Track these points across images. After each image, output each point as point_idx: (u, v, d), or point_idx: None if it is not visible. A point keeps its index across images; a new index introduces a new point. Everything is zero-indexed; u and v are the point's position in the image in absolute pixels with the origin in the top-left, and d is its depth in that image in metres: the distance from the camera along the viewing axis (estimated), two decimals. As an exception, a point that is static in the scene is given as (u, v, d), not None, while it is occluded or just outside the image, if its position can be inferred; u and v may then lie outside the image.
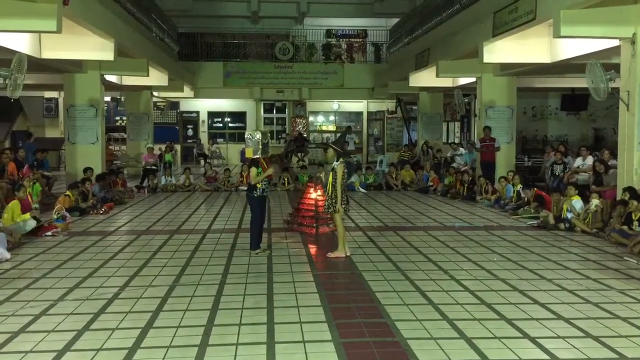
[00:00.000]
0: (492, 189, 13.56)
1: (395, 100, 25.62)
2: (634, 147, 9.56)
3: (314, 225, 9.64)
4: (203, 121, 28.43)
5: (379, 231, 9.99)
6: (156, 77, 18.44)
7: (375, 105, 28.42)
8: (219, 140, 28.19)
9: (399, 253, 8.19)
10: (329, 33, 28.16)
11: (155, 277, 6.85)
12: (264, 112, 28.36)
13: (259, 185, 8.01)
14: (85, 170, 13.45)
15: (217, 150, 27.13)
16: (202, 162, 26.02)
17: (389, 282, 6.58)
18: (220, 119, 28.72)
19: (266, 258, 7.82)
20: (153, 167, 17.37)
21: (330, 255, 7.91)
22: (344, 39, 28.32)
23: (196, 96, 26.11)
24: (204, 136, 28.14)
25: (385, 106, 28.03)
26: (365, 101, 27.90)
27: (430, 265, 7.45)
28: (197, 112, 28.32)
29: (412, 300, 5.89)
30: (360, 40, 28.36)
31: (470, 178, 14.36)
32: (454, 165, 16.74)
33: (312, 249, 8.57)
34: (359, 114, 28.77)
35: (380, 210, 12.64)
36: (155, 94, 23.11)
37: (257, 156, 8.14)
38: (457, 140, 23.01)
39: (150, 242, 9.00)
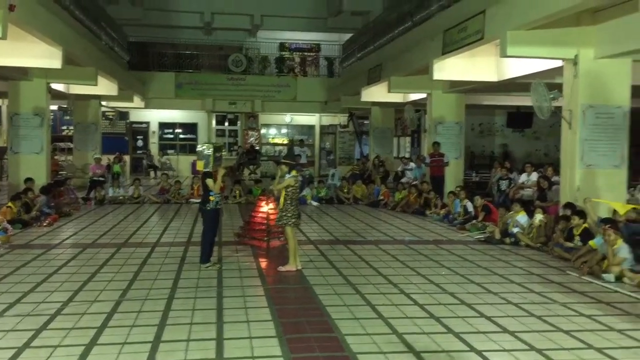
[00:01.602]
0: (441, 203, 13.80)
1: (347, 115, 25.85)
2: (576, 164, 9.92)
3: (265, 238, 9.58)
4: (153, 132, 27.98)
5: (330, 245, 10.02)
6: (105, 87, 18.06)
7: (327, 119, 28.61)
8: (169, 151, 27.77)
9: (350, 267, 8.23)
10: (282, 46, 28.26)
11: (101, 292, 6.67)
12: (216, 124, 28.15)
13: (212, 198, 7.93)
14: (26, 180, 13.02)
15: (168, 162, 26.72)
16: (153, 173, 25.58)
17: (340, 296, 6.59)
18: (171, 130, 28.31)
19: (216, 272, 7.72)
20: (100, 179, 16.95)
21: (281, 269, 7.88)
22: (298, 53, 28.46)
23: (147, 106, 25.69)
24: (154, 147, 27.67)
25: (337, 120, 28.25)
26: (317, 115, 28.05)
27: (380, 279, 7.51)
28: (148, 123, 27.86)
29: (363, 314, 5.92)
30: (314, 54, 28.55)
31: (425, 192, 14.57)
32: (404, 180, 16.96)
33: (263, 263, 8.51)
34: (312, 127, 28.89)
35: (331, 223, 12.68)
36: (104, 103, 22.62)
37: (208, 169, 8.05)
38: (407, 155, 23.35)
39: (96, 256, 8.76)
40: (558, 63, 10.39)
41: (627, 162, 10.07)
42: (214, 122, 27.83)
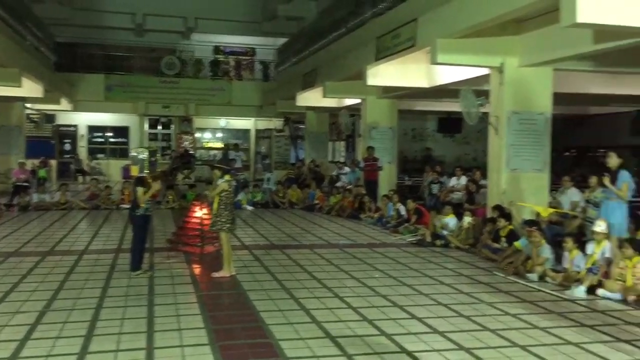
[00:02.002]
0: (375, 207, 14.01)
1: (283, 119, 25.87)
2: (502, 168, 10.29)
3: (199, 244, 9.44)
4: (82, 135, 27.04)
5: (266, 249, 9.98)
6: (30, 88, 17.30)
7: (263, 123, 28.50)
8: (99, 155, 26.91)
9: (285, 271, 8.22)
10: (217, 49, 27.97)
11: (24, 303, 6.38)
12: (149, 128, 27.51)
13: (142, 205, 7.75)
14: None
15: (97, 167, 25.88)
16: (81, 178, 24.70)
17: (274, 301, 6.57)
18: (101, 134, 27.46)
19: (147, 279, 7.54)
20: (24, 184, 16.21)
21: (215, 275, 7.79)
22: (232, 56, 28.24)
23: (75, 109, 24.80)
24: (82, 151, 26.75)
25: (273, 124, 28.19)
26: (253, 119, 27.90)
27: (315, 283, 7.54)
28: (76, 126, 26.89)
29: (297, 319, 5.93)
30: (249, 58, 28.42)
31: (360, 196, 14.75)
32: (339, 184, 17.11)
33: (197, 269, 8.39)
34: (247, 131, 28.70)
35: (266, 228, 12.64)
36: (28, 105, 21.69)
37: (143, 174, 7.86)
38: (342, 159, 23.58)
39: (20, 265, 8.37)
40: (485, 71, 10.75)
41: (549, 166, 10.53)
42: (146, 125, 27.19)
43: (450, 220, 10.64)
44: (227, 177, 7.87)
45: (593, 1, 6.55)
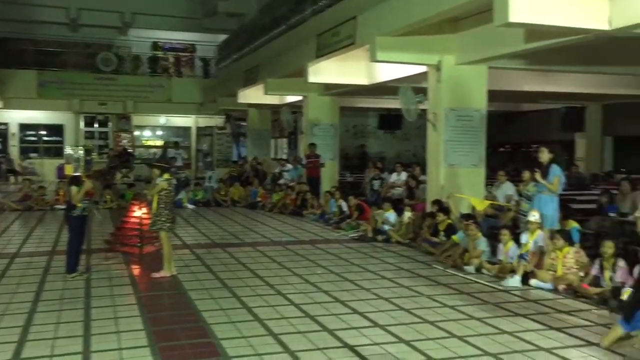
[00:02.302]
0: (317, 203, 14.07)
1: (224, 116, 25.60)
2: (440, 163, 10.53)
3: (139, 244, 9.24)
4: (13, 134, 25.92)
5: (207, 248, 9.87)
6: (-45, 85, 16.50)
7: (204, 121, 28.11)
8: (32, 155, 25.88)
9: (227, 270, 8.15)
10: (155, 46, 27.38)
11: (-49, 310, 6.09)
12: (85, 126, 26.66)
13: (79, 205, 7.51)
14: None
15: (30, 166, 24.88)
16: (13, 178, 23.71)
17: (216, 300, 6.51)
18: (34, 132, 26.41)
19: (84, 282, 7.32)
20: (-49, 185, 15.44)
21: (155, 275, 7.64)
22: (172, 53, 27.72)
23: (6, 107, 23.77)
24: (14, 150, 25.66)
25: (214, 122, 27.85)
26: (194, 116, 27.49)
27: (257, 281, 7.51)
28: (6, 124, 25.76)
29: (239, 317, 5.89)
30: (188, 54, 27.97)
31: (302, 193, 14.78)
32: (281, 181, 17.10)
33: (136, 270, 8.21)
34: (188, 129, 28.25)
35: (208, 227, 12.49)
36: (-46, 103, 20.66)
37: (79, 173, 7.62)
38: (284, 157, 23.56)
39: (-54, 270, 7.98)
40: (423, 68, 10.95)
41: (485, 162, 10.84)
42: (82, 123, 26.34)
43: (390, 215, 10.81)
44: (166, 175, 7.74)
45: (524, 2, 6.79)
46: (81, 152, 23.54)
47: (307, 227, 12.45)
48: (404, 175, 13.26)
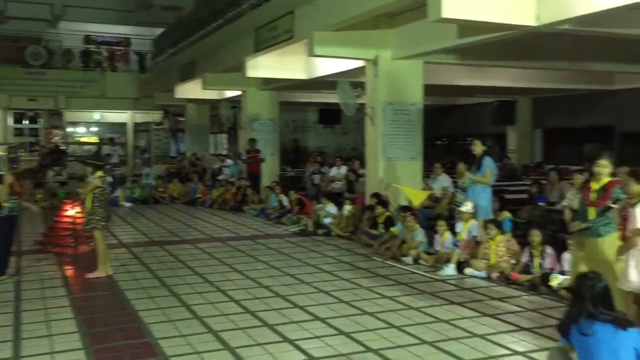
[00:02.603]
0: (258, 199, 14.01)
1: (161, 112, 25.07)
2: (379, 157, 10.67)
3: (72, 244, 8.96)
4: None
5: (145, 247, 9.67)
6: None
7: (141, 116, 27.38)
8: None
9: (165, 268, 8.01)
10: (88, 39, 26.47)
11: None
12: (14, 122, 25.52)
13: (5, 204, 7.20)
14: None
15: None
16: None
17: (154, 299, 6.40)
18: (-42, 130, 25.09)
19: (13, 284, 7.04)
20: None
21: (90, 275, 7.44)
22: (105, 47, 26.88)
23: None
24: None
25: (151, 117, 27.20)
26: (130, 112, 26.72)
27: (196, 278, 7.42)
28: None
29: (177, 315, 5.81)
30: (123, 48, 27.18)
31: (242, 189, 14.67)
32: (221, 177, 16.93)
33: (69, 271, 7.97)
34: (124, 125, 27.46)
35: (146, 225, 12.24)
36: None
37: (2, 173, 7.32)
38: (224, 152, 23.33)
39: None
40: (361, 63, 11.06)
41: (422, 154, 11.06)
42: (10, 120, 25.21)
43: (331, 208, 10.89)
44: (99, 173, 7.53)
45: (457, -2, 6.96)
46: (4, 150, 22.56)
47: (247, 223, 12.38)
48: (343, 169, 13.36)
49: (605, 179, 5.18)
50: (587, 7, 6.57)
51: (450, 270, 7.51)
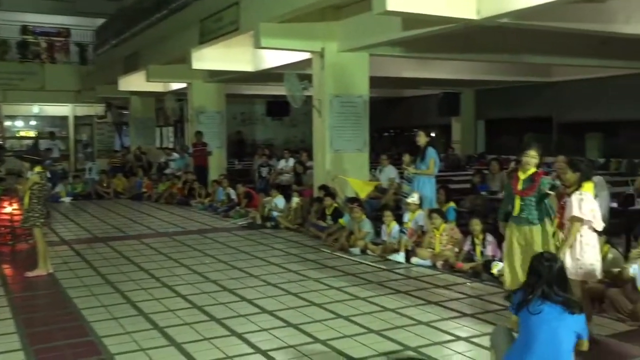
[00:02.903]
0: (205, 192, 13.86)
1: (104, 104, 24.42)
2: (326, 149, 10.71)
3: (10, 242, 8.66)
4: None
5: (88, 243, 9.43)
6: None
7: (83, 110, 26.58)
8: None
9: (109, 265, 7.84)
10: (25, 29, 25.47)
11: None
12: (-53, 116, 24.39)
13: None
14: None
15: None
16: None
17: (97, 297, 6.25)
18: None
19: (-53, 286, 6.76)
20: None
21: (29, 274, 7.20)
22: (44, 37, 25.92)
23: None
24: None
25: (94, 110, 26.45)
26: (71, 105, 25.90)
27: (142, 274, 7.29)
28: None
29: (122, 313, 5.69)
30: (63, 39, 26.28)
31: (189, 182, 14.48)
32: (167, 171, 16.66)
33: (8, 270, 7.69)
34: (65, 118, 26.61)
35: (89, 221, 11.93)
36: None
37: None
38: (171, 145, 22.95)
39: None
40: (308, 55, 11.05)
41: (369, 146, 11.16)
42: (-58, 114, 24.09)
43: (279, 200, 10.88)
44: (37, 168, 7.28)
45: (401, -10, 7.03)
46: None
47: (195, 217, 12.24)
48: (291, 162, 13.36)
49: (532, 170, 5.41)
50: (525, 1, 6.75)
51: (399, 257, 7.64)
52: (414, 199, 8.11)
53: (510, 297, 3.67)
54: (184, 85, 16.72)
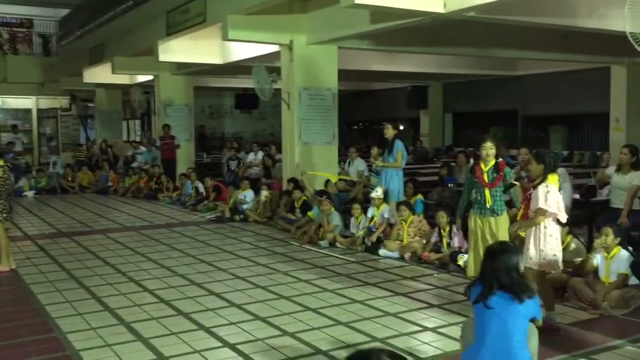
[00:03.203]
0: (173, 186, 13.72)
1: (69, 97, 23.94)
2: (295, 142, 10.69)
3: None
4: None
5: (52, 238, 9.26)
6: None
7: (47, 102, 26.03)
8: None
9: (74, 260, 7.71)
10: (-15, 20, 24.78)
11: None
12: None
13: None
14: None
15: None
16: None
17: (61, 293, 6.14)
18: None
19: None
20: None
21: (-9, 270, 7.03)
22: (5, 28, 25.25)
23: None
24: None
25: (58, 103, 25.92)
26: (34, 97, 25.33)
27: (108, 269, 7.19)
28: None
29: (87, 308, 5.60)
30: (25, 30, 25.64)
31: (157, 176, 14.31)
32: (134, 164, 16.43)
33: (-32, 266, 7.48)
34: (28, 111, 26.01)
35: (54, 215, 11.70)
36: None
37: None
38: (138, 139, 22.64)
39: None
40: (276, 48, 10.99)
41: (338, 139, 11.18)
42: None
43: (248, 194, 10.83)
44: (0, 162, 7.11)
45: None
46: None
47: (162, 211, 12.11)
48: (260, 155, 13.31)
49: (493, 161, 5.54)
50: (491, -5, 6.83)
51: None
52: (377, 193, 8.16)
53: (467, 292, 3.65)
54: (150, 77, 16.50)
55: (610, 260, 5.46)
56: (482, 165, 5.61)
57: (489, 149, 5.57)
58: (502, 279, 3.43)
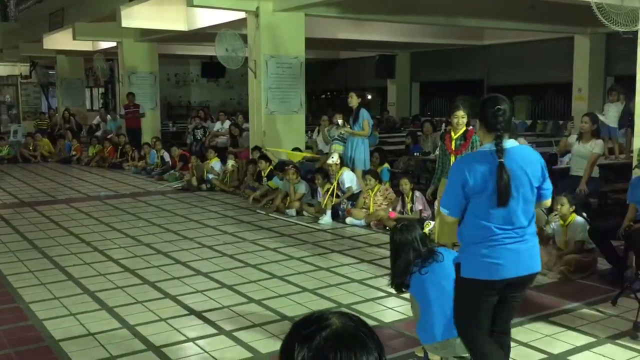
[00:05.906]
0: (138, 155, 13.53)
1: (29, 64, 23.21)
2: (262, 111, 10.60)
3: None
4: None
5: (13, 208, 9.08)
6: None
7: (6, 69, 25.17)
8: None
9: (37, 230, 7.59)
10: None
11: None
12: None
13: None
14: None
15: None
16: None
17: (23, 263, 6.06)
18: None
19: None
20: None
21: (-50, 241, 6.88)
22: (-41, -9, 24.28)
23: None
24: None
25: (18, 70, 25.11)
26: (-8, 64, 24.55)
27: (72, 239, 7.11)
28: None
29: (50, 278, 5.55)
30: (-19, -7, 24.69)
31: (122, 145, 14.08)
32: (98, 133, 16.12)
33: None
34: (-14, 78, 25.23)
35: (15, 185, 11.46)
36: None
37: None
38: (101, 107, 22.16)
39: None
40: (242, 14, 10.80)
41: (305, 108, 11.13)
42: None
43: (216, 163, 10.76)
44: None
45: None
46: None
47: (128, 180, 11.95)
48: (227, 124, 13.17)
49: (463, 128, 5.59)
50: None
51: (327, 218, 7.77)
52: (333, 159, 8.19)
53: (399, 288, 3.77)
54: (113, 44, 16.08)
55: (565, 227, 5.62)
56: (452, 133, 5.66)
57: (460, 117, 5.61)
58: (426, 247, 3.59)
